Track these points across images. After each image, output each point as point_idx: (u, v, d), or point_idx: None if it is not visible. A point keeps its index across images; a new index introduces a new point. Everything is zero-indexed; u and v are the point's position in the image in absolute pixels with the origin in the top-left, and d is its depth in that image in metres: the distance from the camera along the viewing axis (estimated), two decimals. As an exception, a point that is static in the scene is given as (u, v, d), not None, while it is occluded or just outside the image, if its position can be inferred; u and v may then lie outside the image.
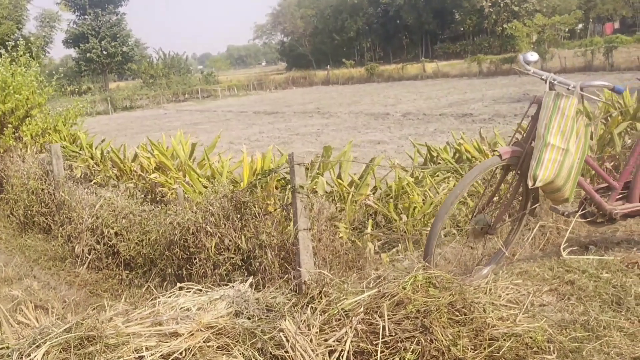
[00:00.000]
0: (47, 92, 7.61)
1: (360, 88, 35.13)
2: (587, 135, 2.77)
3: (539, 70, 2.92)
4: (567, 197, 2.77)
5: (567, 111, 2.65)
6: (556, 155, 2.65)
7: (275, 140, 14.56)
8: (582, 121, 2.74)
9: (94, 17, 51.69)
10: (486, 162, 2.79)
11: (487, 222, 2.85)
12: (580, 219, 3.03)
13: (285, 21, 74.43)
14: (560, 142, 2.66)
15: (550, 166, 2.64)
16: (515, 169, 2.80)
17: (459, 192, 2.70)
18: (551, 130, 2.65)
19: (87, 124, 28.85)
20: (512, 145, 2.85)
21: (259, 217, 4.09)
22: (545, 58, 29.63)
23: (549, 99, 2.71)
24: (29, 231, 6.45)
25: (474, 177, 2.73)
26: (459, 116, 16.23)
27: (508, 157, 2.73)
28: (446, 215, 2.68)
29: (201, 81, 45.18)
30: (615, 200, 2.99)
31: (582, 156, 2.75)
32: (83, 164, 9.20)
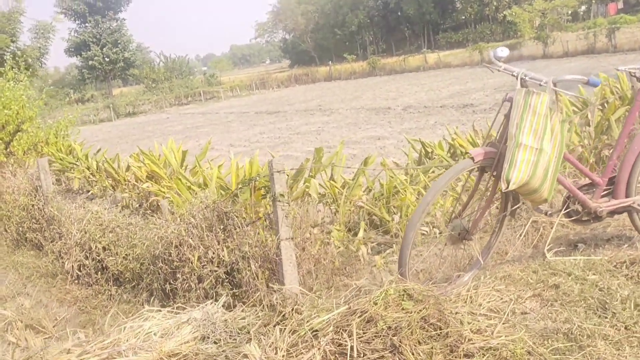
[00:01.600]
0: (38, 105, 7.55)
1: (363, 82, 34.93)
2: (564, 132, 2.63)
3: (509, 66, 2.78)
4: (546, 198, 2.64)
5: (539, 109, 2.51)
6: (529, 155, 2.52)
7: (276, 140, 14.48)
8: (557, 117, 2.60)
9: (94, 24, 51.84)
10: (457, 165, 2.66)
11: (465, 227, 2.73)
12: (565, 218, 2.90)
13: (286, 18, 74.22)
14: (533, 142, 2.52)
15: (523, 167, 2.51)
16: (490, 171, 2.67)
17: (429, 199, 2.58)
18: (523, 129, 2.52)
19: (91, 131, 29.01)
20: (486, 146, 2.73)
21: (241, 228, 3.99)
22: (547, 43, 29.27)
23: (519, 96, 2.57)
24: (22, 247, 6.41)
25: (445, 183, 2.61)
26: (459, 107, 16.05)
27: (481, 159, 2.60)
28: (418, 224, 2.56)
29: (203, 83, 45.17)
30: (600, 197, 2.85)
31: (559, 154, 2.61)
32: (80, 175, 9.17)
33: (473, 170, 2.70)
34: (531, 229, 3.80)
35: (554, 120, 2.57)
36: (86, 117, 34.07)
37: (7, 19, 11.93)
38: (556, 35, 31.80)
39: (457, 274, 2.79)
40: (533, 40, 30.40)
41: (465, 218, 2.78)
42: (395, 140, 12.09)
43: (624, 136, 2.84)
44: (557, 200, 3.17)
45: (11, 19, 12.05)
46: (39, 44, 12.80)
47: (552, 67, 24.22)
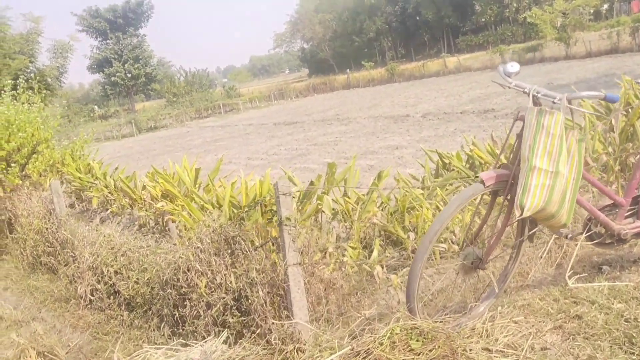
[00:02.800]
0: (53, 127, 7.59)
1: (381, 89, 34.73)
2: (581, 151, 2.44)
3: (521, 82, 2.61)
4: (565, 223, 2.46)
5: (553, 129, 2.34)
6: (544, 179, 2.35)
7: (293, 152, 14.39)
8: (574, 137, 2.42)
9: (115, 41, 52.81)
10: (467, 190, 2.49)
11: (478, 255, 2.56)
12: (587, 242, 2.71)
13: (304, 28, 74.53)
14: (548, 165, 2.35)
15: (538, 192, 2.34)
16: (503, 195, 2.50)
17: (437, 228, 2.41)
18: (536, 151, 2.35)
19: (113, 147, 29.40)
20: (498, 168, 2.56)
21: (249, 252, 3.87)
22: (569, 44, 28.68)
23: (531, 116, 2.40)
24: (37, 271, 6.41)
25: (454, 210, 2.44)
26: (480, 113, 15.77)
27: (493, 183, 2.43)
28: (425, 256, 2.40)
29: (223, 96, 45.51)
30: (624, 218, 2.66)
31: (577, 176, 2.43)
32: (98, 194, 9.20)
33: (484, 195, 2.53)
34: (554, 245, 3.60)
35: (570, 139, 2.40)
36: (109, 132, 34.59)
37: (25, 40, 12.20)
38: (578, 35, 31.19)
39: (473, 304, 2.61)
40: (555, 41, 29.85)
41: (478, 245, 2.61)
42: (414, 150, 11.90)
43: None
44: (578, 221, 2.98)
45: (29, 39, 12.34)
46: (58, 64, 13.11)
47: (575, 68, 23.72)
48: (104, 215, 8.97)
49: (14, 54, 12.12)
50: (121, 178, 8.37)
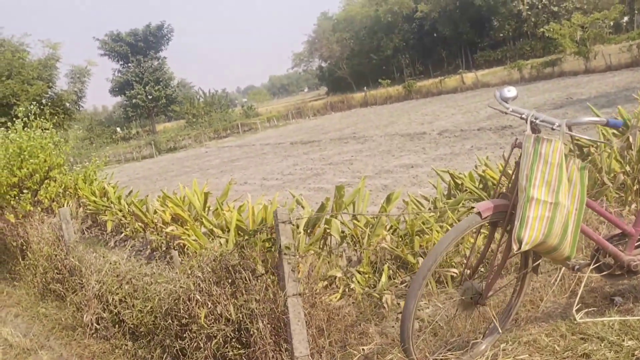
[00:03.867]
0: (65, 152, 7.64)
1: (398, 107, 34.64)
2: (584, 180, 2.31)
3: (518, 107, 2.49)
4: (568, 255, 2.32)
5: (551, 158, 2.21)
6: (543, 211, 2.21)
7: (308, 172, 14.34)
8: (575, 165, 2.29)
9: (136, 64, 53.79)
10: (463, 222, 2.36)
11: (477, 290, 2.42)
12: (595, 273, 2.56)
13: (322, 47, 75.15)
14: (547, 195, 2.22)
15: (537, 225, 2.21)
16: (502, 226, 2.37)
17: (430, 264, 2.29)
18: (534, 182, 2.22)
19: (133, 169, 29.69)
20: (496, 197, 2.43)
21: (249, 282, 3.78)
22: (588, 57, 28.28)
23: (528, 144, 2.28)
24: (47, 298, 6.39)
25: (449, 244, 2.31)
26: (497, 129, 15.56)
27: (490, 215, 2.31)
28: (419, 293, 2.27)
29: (241, 115, 45.89)
30: (634, 249, 2.50)
31: (579, 206, 2.29)
32: (112, 217, 9.23)
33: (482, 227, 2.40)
34: (567, 272, 3.44)
35: (570, 168, 2.27)
36: (129, 154, 35.03)
37: (43, 65, 12.45)
38: (598, 48, 30.78)
39: (474, 341, 2.47)
40: (574, 55, 29.49)
41: (478, 279, 2.48)
42: (429, 168, 11.75)
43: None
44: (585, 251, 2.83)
45: (47, 65, 12.58)
46: (76, 88, 13.34)
47: (595, 82, 23.35)
48: (118, 239, 9.00)
49: (33, 80, 12.36)
50: (134, 202, 8.39)
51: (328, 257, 5.04)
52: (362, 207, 5.59)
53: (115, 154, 34.10)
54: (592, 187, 5.59)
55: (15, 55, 12.43)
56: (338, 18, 74.69)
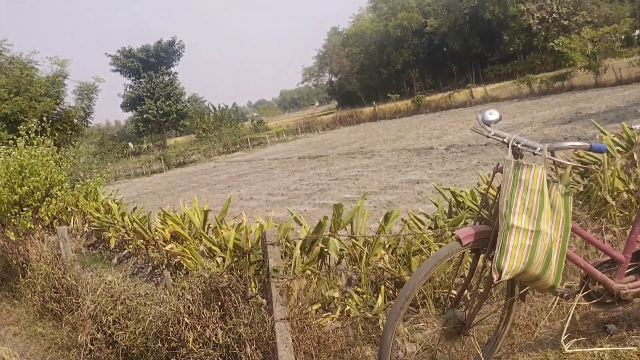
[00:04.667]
0: (66, 169, 7.67)
1: (407, 121, 34.58)
2: (568, 205, 2.23)
3: (500, 131, 2.43)
4: (553, 285, 2.23)
5: (532, 184, 2.14)
6: (524, 239, 2.13)
7: (314, 187, 14.29)
8: (558, 190, 2.21)
9: (148, 79, 54.31)
10: (443, 250, 2.29)
11: (460, 319, 2.34)
12: (584, 301, 2.47)
13: (332, 62, 75.53)
14: (528, 223, 2.14)
15: (517, 254, 2.13)
16: (486, 253, 2.29)
17: (408, 294, 2.21)
18: (514, 209, 2.14)
19: (142, 183, 29.75)
20: (479, 223, 2.36)
21: (238, 305, 3.72)
22: (598, 71, 28.06)
23: (508, 169, 2.21)
24: (45, 317, 6.35)
25: (428, 273, 2.24)
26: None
27: (471, 242, 2.23)
28: (397, 323, 2.20)
29: (251, 130, 46.09)
30: (625, 276, 2.41)
31: (564, 233, 2.21)
32: (116, 234, 9.23)
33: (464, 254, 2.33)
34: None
35: (553, 194, 2.19)
36: (139, 169, 35.23)
37: (51, 82, 12.63)
38: (609, 62, 30.56)
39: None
40: (583, 69, 29.31)
41: (461, 308, 2.39)
42: (435, 184, 11.65)
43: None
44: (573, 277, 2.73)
45: (55, 82, 12.75)
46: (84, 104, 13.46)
47: (605, 96, 23.15)
48: (122, 255, 8.99)
49: (40, 97, 12.49)
50: (135, 219, 8.39)
51: (327, 276, 4.97)
52: (361, 225, 5.53)
53: (125, 169, 34.34)
54: (594, 206, 5.48)
55: (23, 72, 12.63)
56: (348, 33, 75.12)
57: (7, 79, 12.54)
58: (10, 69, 13.24)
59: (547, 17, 52.57)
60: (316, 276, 4.90)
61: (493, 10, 55.67)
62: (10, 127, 11.71)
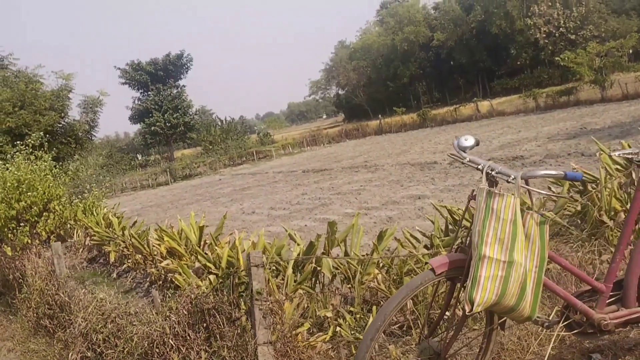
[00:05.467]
0: (64, 182, 7.69)
1: (413, 135, 34.55)
2: (544, 234, 2.18)
3: (475, 157, 2.39)
4: (530, 315, 2.18)
5: (504, 213, 2.10)
6: (496, 270, 2.09)
7: (316, 202, 14.26)
8: (533, 219, 2.17)
9: (156, 92, 54.75)
10: (416, 279, 2.24)
11: (435, 350, 2.29)
12: (565, 331, 2.41)
13: (339, 75, 75.85)
14: (500, 254, 2.09)
15: (489, 285, 2.08)
16: (461, 282, 2.25)
17: (378, 325, 2.17)
18: (486, 239, 2.10)
19: (147, 196, 29.78)
20: (455, 251, 2.32)
21: (223, 327, 3.68)
22: (604, 86, 27.95)
23: (481, 197, 2.17)
24: (39, 333, 6.34)
25: (399, 303, 2.20)
26: (508, 160, 15.36)
27: (445, 270, 2.19)
28: (367, 355, 2.16)
29: (257, 143, 46.23)
30: (606, 306, 2.35)
31: (540, 263, 2.16)
32: (115, 249, 9.23)
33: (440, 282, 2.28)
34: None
35: (528, 223, 2.15)
36: (145, 181, 35.36)
37: (56, 96, 12.73)
38: (616, 77, 30.42)
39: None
40: (589, 84, 29.20)
41: (437, 338, 2.34)
42: (436, 200, 11.58)
43: (629, 232, 2.36)
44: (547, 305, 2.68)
45: (60, 96, 12.85)
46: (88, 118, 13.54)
47: (611, 111, 23.03)
48: (121, 270, 8.98)
49: (45, 110, 12.60)
50: (133, 234, 8.39)
51: (321, 295, 4.93)
52: (357, 242, 5.50)
53: (132, 181, 34.50)
54: (590, 226, 5.41)
55: (28, 86, 12.75)
56: (355, 47, 75.44)
57: (12, 93, 12.67)
58: (16, 82, 13.38)
59: (554, 31, 52.57)
60: (309, 295, 4.86)
61: (500, 25, 55.76)
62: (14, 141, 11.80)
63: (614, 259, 2.34)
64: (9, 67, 14.40)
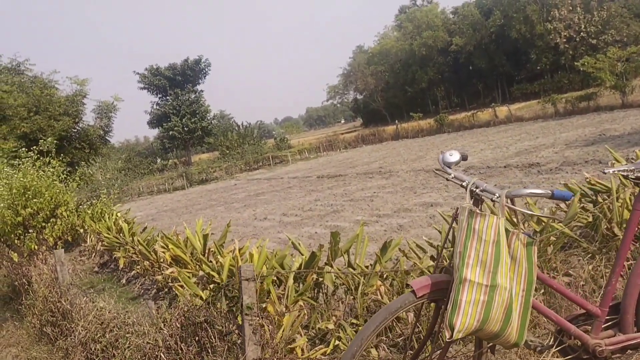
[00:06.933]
0: (71, 189, 7.71)
1: (429, 140, 34.26)
2: (532, 256, 2.06)
3: (460, 174, 2.28)
4: (517, 342, 2.06)
5: (486, 235, 1.98)
6: (478, 294, 1.97)
7: (328, 208, 14.18)
8: (519, 240, 2.04)
9: (174, 97, 55.23)
10: (395, 302, 2.13)
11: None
12: (559, 357, 2.28)
13: (357, 80, 75.70)
14: (482, 277, 1.98)
15: (471, 310, 1.96)
16: (444, 304, 2.13)
17: (355, 350, 2.06)
18: (467, 260, 1.99)
19: (163, 200, 29.94)
20: (439, 272, 2.20)
21: (214, 341, 3.61)
22: (625, 92, 27.40)
23: (463, 217, 2.06)
24: (42, 340, 6.34)
25: (378, 326, 2.09)
26: (524, 167, 15.11)
27: (427, 293, 2.08)
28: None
29: (273, 148, 46.32)
30: (602, 331, 2.22)
31: (527, 286, 2.04)
32: (125, 254, 9.25)
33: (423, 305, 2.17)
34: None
35: (514, 244, 2.03)
36: (162, 185, 35.61)
37: (70, 101, 12.88)
38: (637, 82, 29.80)
39: None
40: (609, 89, 28.65)
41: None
42: (448, 208, 11.42)
43: (624, 253, 2.23)
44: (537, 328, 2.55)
45: (74, 101, 13.01)
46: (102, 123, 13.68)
47: (631, 117, 22.56)
48: (130, 276, 8.99)
49: (59, 116, 12.72)
50: (140, 241, 8.40)
51: (324, 305, 4.85)
52: (361, 252, 5.41)
53: (149, 185, 34.75)
54: (601, 238, 5.24)
55: (43, 91, 12.92)
56: (373, 51, 75.26)
57: (28, 98, 12.82)
58: (32, 88, 13.54)
59: (575, 35, 51.85)
60: (311, 306, 4.78)
61: (519, 29, 55.18)
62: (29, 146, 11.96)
63: (610, 281, 2.21)
64: (25, 73, 14.63)
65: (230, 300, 4.27)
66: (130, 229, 9.93)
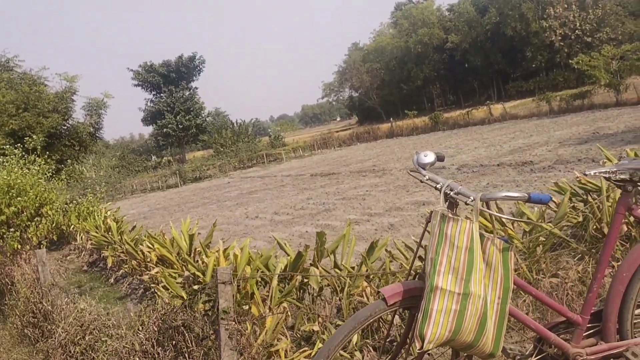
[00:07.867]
0: (58, 187, 7.59)
1: (424, 138, 34.19)
2: (508, 262, 1.97)
3: (434, 175, 2.19)
4: (492, 352, 1.97)
5: (458, 240, 1.89)
6: (449, 303, 1.88)
7: (320, 207, 14.09)
8: (495, 245, 1.95)
9: (168, 94, 55.00)
10: (364, 310, 2.03)
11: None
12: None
13: (352, 77, 75.60)
14: (454, 285, 1.88)
15: (442, 320, 1.87)
16: (417, 312, 2.04)
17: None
18: (439, 267, 1.89)
19: (156, 198, 29.80)
20: (412, 278, 2.11)
21: (191, 346, 3.51)
22: (619, 90, 27.40)
23: (435, 221, 1.97)
24: (23, 342, 6.22)
25: (346, 336, 1.99)
26: (517, 165, 15.05)
27: (399, 301, 1.99)
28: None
29: (267, 145, 46.17)
30: (583, 339, 2.13)
31: (504, 294, 1.95)
32: (112, 253, 9.15)
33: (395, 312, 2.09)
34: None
35: (489, 250, 1.94)
36: (155, 183, 35.42)
37: (59, 98, 12.67)
38: (631, 80, 29.81)
39: None
40: (604, 87, 28.65)
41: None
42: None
43: (606, 260, 2.14)
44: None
45: (64, 98, 12.79)
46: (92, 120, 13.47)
47: (625, 116, 22.54)
48: (118, 275, 8.88)
49: (48, 113, 12.57)
50: (127, 241, 8.29)
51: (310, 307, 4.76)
52: (349, 252, 5.34)
53: (142, 183, 34.56)
54: (589, 238, 5.17)
55: (32, 88, 12.73)
56: (368, 49, 75.14)
57: (16, 95, 12.64)
58: (21, 84, 13.36)
59: (570, 33, 51.88)
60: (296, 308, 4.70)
61: (515, 27, 55.16)
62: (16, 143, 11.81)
63: (591, 288, 2.12)
64: (14, 69, 14.42)
65: (214, 302, 4.18)
66: (119, 227, 9.82)
